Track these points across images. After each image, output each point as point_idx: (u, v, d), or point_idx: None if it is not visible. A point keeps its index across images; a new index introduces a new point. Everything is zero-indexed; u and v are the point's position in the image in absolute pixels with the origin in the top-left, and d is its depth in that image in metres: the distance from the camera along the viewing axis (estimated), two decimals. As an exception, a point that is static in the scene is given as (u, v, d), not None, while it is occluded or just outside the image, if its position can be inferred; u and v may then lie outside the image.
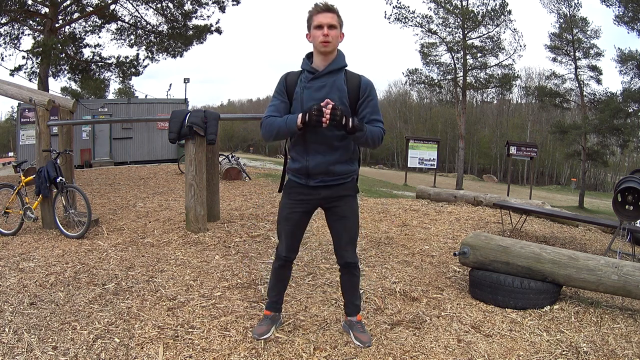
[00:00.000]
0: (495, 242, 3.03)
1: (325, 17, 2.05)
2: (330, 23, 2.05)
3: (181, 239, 4.24)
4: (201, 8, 13.51)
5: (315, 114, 1.92)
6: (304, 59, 2.19)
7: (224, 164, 10.11)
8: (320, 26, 2.04)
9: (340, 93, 2.09)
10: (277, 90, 2.18)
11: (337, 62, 2.11)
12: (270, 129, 2.09)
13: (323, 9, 2.06)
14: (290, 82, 2.15)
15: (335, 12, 2.07)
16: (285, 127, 2.04)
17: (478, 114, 47.25)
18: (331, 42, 2.05)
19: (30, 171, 5.41)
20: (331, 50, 2.09)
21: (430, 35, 20.13)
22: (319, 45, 2.06)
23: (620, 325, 2.61)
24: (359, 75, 2.16)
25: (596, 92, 19.68)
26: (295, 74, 2.17)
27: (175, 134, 4.30)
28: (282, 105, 2.14)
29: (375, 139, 2.08)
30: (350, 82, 2.12)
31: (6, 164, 27.96)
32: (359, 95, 2.12)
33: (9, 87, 5.30)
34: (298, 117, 1.99)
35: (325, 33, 2.03)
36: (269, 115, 2.12)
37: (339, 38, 2.11)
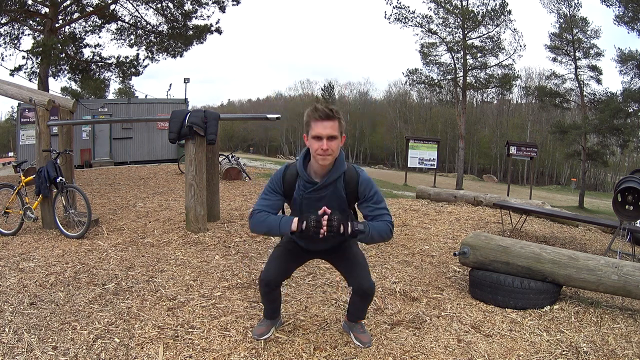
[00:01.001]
0: (495, 242, 3.03)
1: (325, 127, 1.89)
2: (330, 134, 1.89)
3: (181, 239, 4.24)
4: (201, 8, 13.51)
5: (314, 226, 1.88)
6: (300, 158, 2.07)
7: (224, 164, 10.11)
8: (319, 137, 1.90)
9: (339, 200, 2.04)
10: (272, 188, 2.08)
11: (336, 171, 2.01)
12: (260, 225, 2.01)
13: (322, 117, 1.90)
14: (287, 183, 2.07)
15: (336, 119, 1.92)
16: (277, 229, 1.96)
17: (478, 114, 47.23)
18: (331, 154, 1.93)
19: (30, 171, 5.41)
20: (331, 162, 1.98)
21: (430, 35, 20.11)
22: (318, 158, 1.94)
23: (620, 325, 2.61)
24: (357, 173, 2.06)
25: (596, 92, 19.67)
26: (293, 175, 2.07)
27: (175, 134, 4.30)
28: (276, 203, 2.07)
29: (383, 234, 1.99)
30: (348, 184, 2.04)
31: (6, 164, 27.95)
32: (358, 197, 2.06)
33: (9, 87, 5.30)
34: (293, 222, 1.93)
35: (325, 147, 1.89)
36: (261, 209, 2.03)
37: (340, 144, 1.97)
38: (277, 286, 2.21)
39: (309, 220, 1.89)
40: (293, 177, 2.07)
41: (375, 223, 2.00)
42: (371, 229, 1.96)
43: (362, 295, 2.18)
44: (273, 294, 2.25)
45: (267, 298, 2.28)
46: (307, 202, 2.05)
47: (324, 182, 2.01)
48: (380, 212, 2.02)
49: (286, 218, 1.98)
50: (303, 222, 1.90)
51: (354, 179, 2.04)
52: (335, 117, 1.92)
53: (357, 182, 2.04)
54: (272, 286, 2.18)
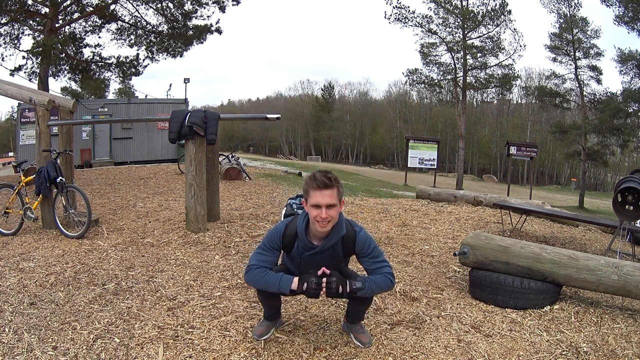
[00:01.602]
0: (495, 242, 3.03)
1: (323, 196, 1.93)
2: (329, 203, 1.93)
3: (181, 239, 4.24)
4: (201, 8, 13.53)
5: (313, 288, 1.94)
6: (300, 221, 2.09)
7: (224, 164, 10.11)
8: (318, 206, 1.94)
9: (337, 260, 2.12)
10: (270, 245, 2.11)
11: (334, 236, 2.05)
12: (258, 281, 2.04)
13: (321, 186, 1.93)
14: (286, 243, 2.12)
15: (334, 187, 1.95)
16: (276, 288, 2.00)
17: (478, 114, 47.26)
18: (330, 222, 1.98)
19: (30, 171, 5.41)
20: (330, 228, 2.02)
21: (430, 35, 20.15)
22: (317, 225, 1.98)
23: (620, 325, 2.61)
24: (354, 233, 2.09)
25: (596, 92, 19.70)
26: (292, 235, 2.10)
27: (175, 134, 4.30)
28: (273, 259, 2.11)
29: (382, 286, 2.06)
30: (346, 245, 2.10)
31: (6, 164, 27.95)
32: (356, 252, 2.12)
33: (9, 87, 5.30)
34: (293, 282, 1.97)
35: (324, 216, 1.93)
36: (259, 265, 2.05)
37: (339, 211, 2.01)
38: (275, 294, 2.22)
39: (309, 282, 1.95)
40: (292, 237, 2.11)
41: (375, 277, 2.06)
42: (370, 283, 2.02)
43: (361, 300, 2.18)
44: (272, 300, 2.26)
45: (266, 303, 2.29)
46: (306, 262, 2.11)
47: (323, 247, 2.07)
48: (379, 265, 2.08)
49: (285, 277, 2.01)
50: (303, 283, 1.96)
51: (351, 240, 2.10)
52: (333, 185, 1.95)
53: (354, 243, 2.10)
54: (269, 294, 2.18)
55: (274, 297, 2.20)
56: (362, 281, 2.01)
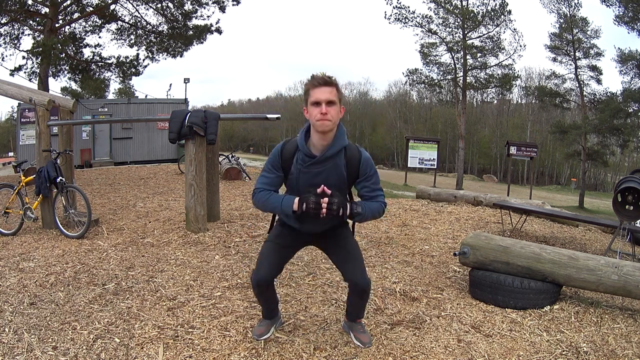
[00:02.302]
0: (495, 242, 3.03)
1: (323, 92, 1.91)
2: (329, 99, 1.91)
3: (181, 239, 4.24)
4: (201, 8, 13.51)
5: (313, 207, 1.89)
6: (301, 134, 2.05)
7: (224, 164, 10.11)
8: (318, 103, 1.91)
9: (339, 177, 2.02)
10: (271, 163, 2.08)
11: (336, 144, 1.99)
12: (264, 204, 2.04)
13: (321, 83, 1.92)
14: (285, 157, 2.06)
15: (334, 85, 1.94)
16: (280, 209, 2.00)
17: (478, 114, 47.22)
18: (330, 120, 1.92)
19: (30, 171, 5.41)
20: (331, 129, 1.96)
21: (430, 35, 20.11)
22: (317, 124, 1.93)
23: (620, 325, 2.61)
24: (359, 151, 2.06)
25: (596, 92, 19.67)
26: (291, 150, 2.05)
27: (175, 134, 4.30)
28: (276, 180, 2.08)
29: (376, 214, 2.05)
30: (349, 161, 2.03)
31: (6, 164, 27.94)
32: (359, 175, 2.06)
33: (9, 87, 5.30)
34: (294, 202, 1.94)
35: (324, 111, 1.89)
36: (263, 188, 2.06)
37: (339, 114, 1.98)
38: (268, 285, 2.19)
39: (308, 201, 1.90)
40: (291, 151, 2.05)
41: (371, 203, 2.03)
42: (367, 209, 2.00)
43: (358, 292, 2.18)
44: (266, 294, 2.23)
45: (261, 298, 2.26)
46: (305, 177, 2.01)
47: (324, 156, 1.99)
48: (378, 193, 2.07)
49: (287, 198, 1.99)
50: (303, 203, 1.91)
51: (356, 157, 2.04)
52: (333, 83, 1.94)
53: (359, 160, 2.04)
54: (263, 286, 2.15)
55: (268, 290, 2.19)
56: (362, 206, 1.98)
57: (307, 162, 2.01)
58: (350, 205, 1.96)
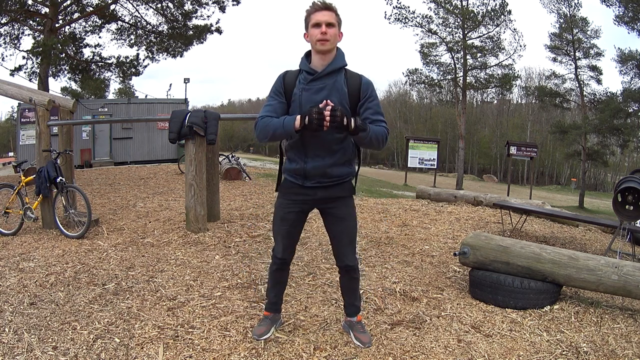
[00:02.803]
0: (495, 242, 3.03)
1: (323, 15, 1.99)
2: (329, 21, 1.98)
3: (181, 239, 4.24)
4: (201, 8, 13.52)
5: (316, 117, 1.84)
6: (302, 58, 2.11)
7: (224, 164, 10.11)
8: (318, 24, 1.98)
9: (341, 94, 2.02)
10: (274, 90, 2.09)
11: (336, 62, 2.05)
12: (265, 129, 1.99)
13: (321, 7, 2.00)
14: (288, 82, 2.07)
15: (333, 10, 2.01)
16: (282, 128, 1.95)
17: (478, 114, 47.25)
18: (329, 40, 1.98)
19: (30, 171, 5.41)
20: (330, 49, 2.01)
21: (430, 35, 20.14)
22: (317, 44, 1.99)
23: (620, 325, 2.61)
24: (359, 74, 2.09)
25: (596, 92, 19.70)
26: (294, 74, 2.09)
27: (175, 134, 4.30)
28: (279, 105, 2.05)
29: (379, 138, 2.00)
30: (350, 82, 2.05)
31: (6, 164, 27.94)
32: (360, 96, 2.05)
33: (9, 87, 5.30)
34: (296, 119, 1.91)
35: (324, 31, 1.96)
36: (265, 115, 2.03)
37: (338, 37, 2.03)
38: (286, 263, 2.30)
39: (311, 112, 1.86)
40: (293, 75, 2.09)
41: (374, 127, 2.00)
42: (371, 130, 1.97)
43: (347, 272, 2.24)
44: (282, 274, 2.33)
45: (276, 278, 2.33)
46: (307, 95, 2.02)
47: (324, 71, 2.02)
48: (379, 118, 2.05)
49: (289, 117, 1.97)
50: (305, 116, 1.88)
51: (357, 78, 2.07)
52: (332, 8, 2.01)
53: (359, 81, 2.06)
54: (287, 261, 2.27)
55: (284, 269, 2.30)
56: (365, 123, 1.96)
57: (308, 79, 2.04)
58: (354, 117, 1.93)
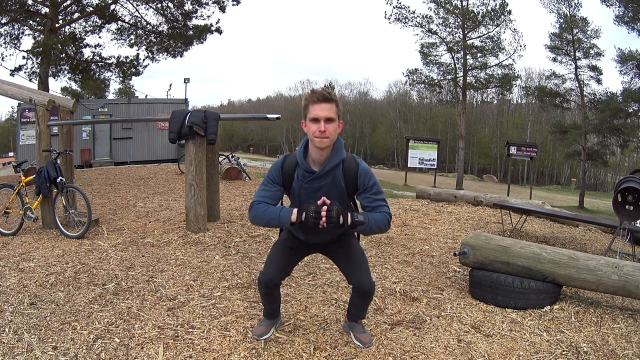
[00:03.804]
0: (495, 242, 3.03)
1: (322, 109, 1.90)
2: (328, 116, 1.90)
3: (181, 239, 4.24)
4: (201, 8, 13.51)
5: (313, 217, 1.85)
6: (300, 149, 2.06)
7: (224, 164, 10.11)
8: (317, 119, 1.90)
9: (339, 189, 2.03)
10: (271, 177, 2.06)
11: (334, 158, 2.00)
12: (260, 216, 1.98)
13: (320, 99, 1.90)
14: (286, 172, 2.06)
15: (333, 101, 1.92)
16: (277, 220, 1.95)
17: (478, 114, 47.22)
18: (329, 137, 1.92)
19: (30, 171, 5.41)
20: (329, 145, 1.96)
21: (430, 35, 20.11)
22: (315, 141, 1.93)
23: (620, 325, 2.61)
24: (356, 162, 2.05)
25: (596, 92, 19.67)
26: (292, 165, 2.06)
27: (175, 134, 4.30)
28: (275, 194, 2.05)
29: (381, 226, 1.98)
30: (347, 174, 2.02)
31: (6, 164, 27.93)
32: (358, 186, 2.04)
33: (9, 87, 5.30)
34: (293, 213, 1.91)
35: (322, 129, 1.89)
36: (261, 201, 2.01)
37: (337, 129, 1.97)
38: (276, 286, 2.22)
39: (308, 210, 1.87)
40: (292, 167, 2.05)
41: (374, 214, 1.98)
42: (370, 220, 1.94)
43: (362, 294, 2.18)
44: (273, 295, 2.26)
45: (267, 299, 2.28)
46: (306, 191, 2.02)
47: (322, 171, 1.99)
48: (379, 204, 2.01)
49: (286, 209, 1.96)
50: (302, 213, 1.88)
51: (353, 169, 2.02)
52: (332, 99, 1.92)
53: (356, 172, 2.02)
54: (271, 286, 2.18)
55: (273, 292, 2.21)
56: (364, 215, 1.94)
57: (307, 177, 2.02)
58: (351, 214, 1.93)
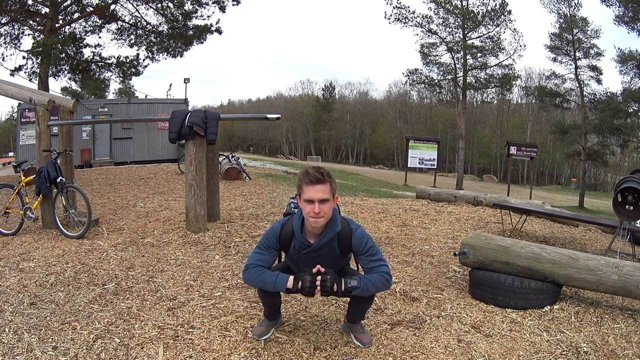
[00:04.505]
0: (495, 242, 3.03)
1: (316, 191, 1.95)
2: (322, 198, 1.95)
3: (181, 239, 4.24)
4: (201, 8, 13.53)
5: (308, 286, 1.95)
6: (296, 221, 2.11)
7: (224, 164, 10.11)
8: (312, 201, 1.96)
9: (334, 257, 2.12)
10: (267, 244, 2.13)
11: (328, 233, 2.07)
12: (256, 280, 2.07)
13: (314, 181, 1.96)
14: (283, 241, 2.14)
15: (327, 182, 1.98)
16: (272, 286, 2.03)
17: (478, 114, 47.25)
18: (323, 217, 1.99)
19: (30, 171, 5.41)
20: (323, 224, 2.05)
21: (430, 35, 20.15)
22: (311, 221, 2.01)
23: (620, 325, 2.61)
24: (350, 231, 2.10)
25: (596, 92, 19.70)
26: (288, 235, 2.12)
27: (175, 133, 4.30)
28: (270, 259, 2.14)
29: (379, 285, 2.04)
30: (342, 241, 2.10)
31: (6, 164, 27.94)
32: (353, 251, 2.13)
33: (9, 87, 5.30)
34: (289, 280, 1.99)
35: (317, 211, 1.95)
36: (256, 264, 2.08)
37: (332, 205, 2.03)
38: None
39: (304, 281, 1.96)
40: (288, 237, 2.13)
41: (372, 276, 2.04)
42: (366, 282, 2.01)
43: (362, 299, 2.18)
44: (273, 298, 2.26)
45: (266, 302, 2.29)
46: (304, 260, 2.12)
47: (318, 245, 2.09)
48: (376, 264, 2.07)
49: (282, 276, 2.03)
50: (298, 282, 1.97)
51: (348, 238, 2.10)
52: (326, 180, 1.98)
53: (350, 240, 2.10)
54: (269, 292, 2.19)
55: (273, 295, 2.21)
56: (358, 280, 2.00)
57: (304, 249, 2.11)
58: (344, 280, 1.99)
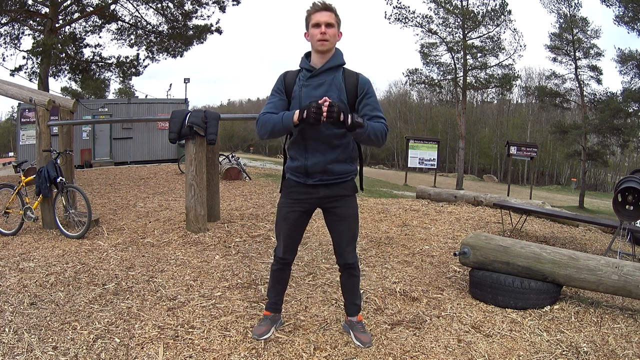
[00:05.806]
0: (495, 242, 3.03)
1: (322, 15, 2.05)
2: (328, 21, 2.04)
3: (181, 239, 4.24)
4: (201, 8, 13.51)
5: (314, 112, 1.88)
6: (302, 57, 2.18)
7: (224, 164, 10.11)
8: (318, 24, 2.04)
9: (339, 90, 2.08)
10: (275, 88, 2.16)
11: (335, 60, 2.11)
12: (265, 125, 2.05)
13: (321, 7, 2.06)
14: (288, 80, 2.15)
15: (333, 10, 2.07)
16: (281, 124, 2.01)
17: (478, 114, 47.20)
18: (329, 40, 2.05)
19: (30, 171, 5.42)
20: (329, 48, 2.08)
21: (430, 35, 20.11)
22: (317, 44, 2.06)
23: (621, 325, 2.61)
24: (357, 73, 2.15)
25: (596, 92, 19.68)
26: (294, 73, 2.17)
27: (175, 134, 4.30)
28: (280, 103, 2.12)
29: (378, 135, 2.02)
30: (348, 80, 2.12)
31: (6, 164, 27.93)
32: (357, 93, 2.11)
33: (9, 87, 5.30)
34: (295, 113, 1.97)
35: (323, 31, 2.03)
36: (266, 112, 2.09)
37: (337, 37, 2.10)
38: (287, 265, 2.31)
39: (309, 107, 1.91)
40: (293, 75, 2.16)
41: (373, 123, 2.04)
42: (369, 126, 1.99)
43: (347, 270, 2.27)
44: (284, 274, 2.34)
45: (276, 278, 2.34)
46: (307, 90, 2.08)
47: (323, 68, 2.09)
48: (378, 114, 2.08)
49: (288, 112, 2.03)
50: (304, 110, 1.93)
51: (354, 76, 2.13)
52: (331, 8, 2.08)
53: (357, 79, 2.12)
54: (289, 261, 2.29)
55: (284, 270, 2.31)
56: (363, 119, 1.99)
57: (307, 76, 2.11)
58: (352, 114, 1.96)
